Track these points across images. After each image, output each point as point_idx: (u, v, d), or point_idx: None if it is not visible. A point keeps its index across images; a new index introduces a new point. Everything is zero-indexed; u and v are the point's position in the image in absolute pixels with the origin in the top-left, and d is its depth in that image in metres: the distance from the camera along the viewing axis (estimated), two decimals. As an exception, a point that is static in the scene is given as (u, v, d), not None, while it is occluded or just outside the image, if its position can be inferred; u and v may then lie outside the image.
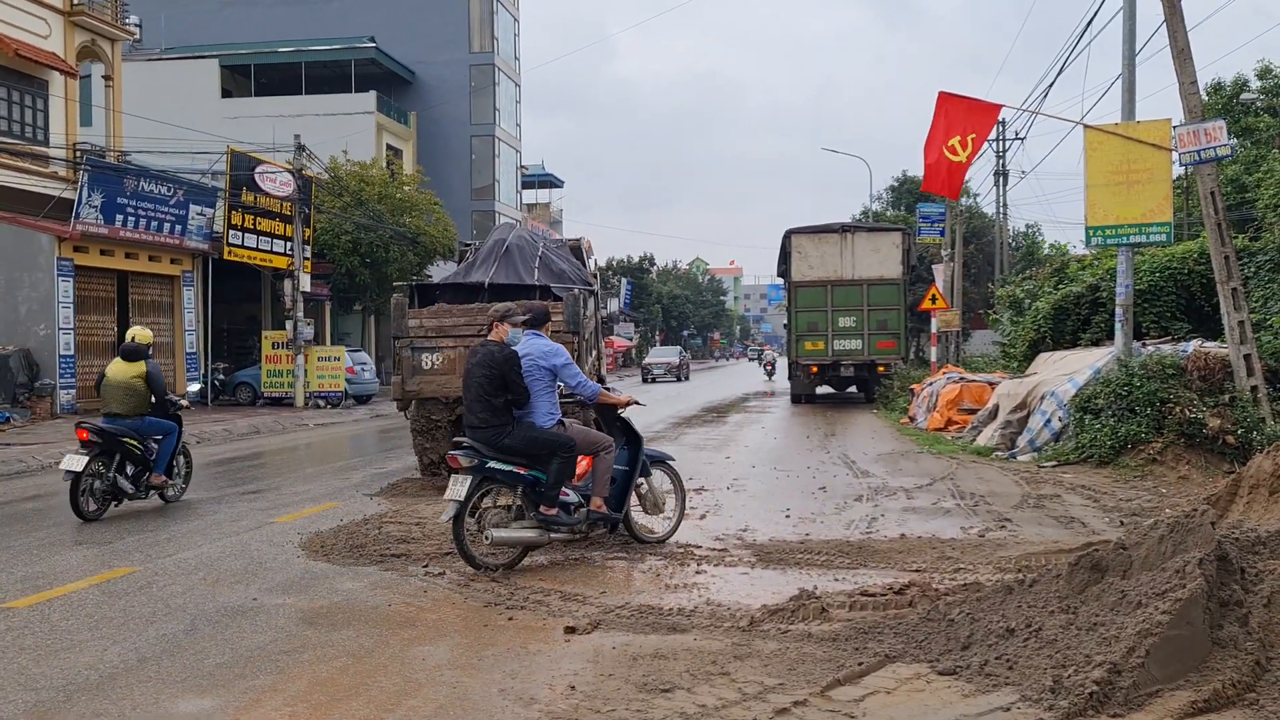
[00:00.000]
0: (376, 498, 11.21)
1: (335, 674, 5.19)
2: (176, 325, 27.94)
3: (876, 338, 26.09)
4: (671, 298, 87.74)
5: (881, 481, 12.08)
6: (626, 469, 8.11)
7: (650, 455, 8.46)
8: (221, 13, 51.71)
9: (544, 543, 7.61)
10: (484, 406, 7.43)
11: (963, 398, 18.43)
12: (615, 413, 8.25)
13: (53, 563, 8.02)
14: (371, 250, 32.59)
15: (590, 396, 8.04)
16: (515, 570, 7.35)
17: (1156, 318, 16.64)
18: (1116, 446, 12.42)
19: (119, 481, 10.21)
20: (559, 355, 7.84)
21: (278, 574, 7.50)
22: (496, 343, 7.66)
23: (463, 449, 7.38)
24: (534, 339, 7.93)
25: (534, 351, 7.76)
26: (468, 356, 7.87)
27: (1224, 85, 29.35)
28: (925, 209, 32.18)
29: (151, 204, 25.67)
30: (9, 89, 24.77)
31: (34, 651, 5.65)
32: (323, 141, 35.03)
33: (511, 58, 55.54)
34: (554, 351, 7.85)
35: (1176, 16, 12.47)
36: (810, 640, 5.50)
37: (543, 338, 8.02)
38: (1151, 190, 12.99)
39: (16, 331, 23.10)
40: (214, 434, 20.07)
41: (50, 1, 25.78)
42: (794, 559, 7.69)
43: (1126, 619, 4.66)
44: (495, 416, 7.42)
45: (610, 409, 8.23)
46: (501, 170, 53.80)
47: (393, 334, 12.25)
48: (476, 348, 7.80)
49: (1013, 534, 8.60)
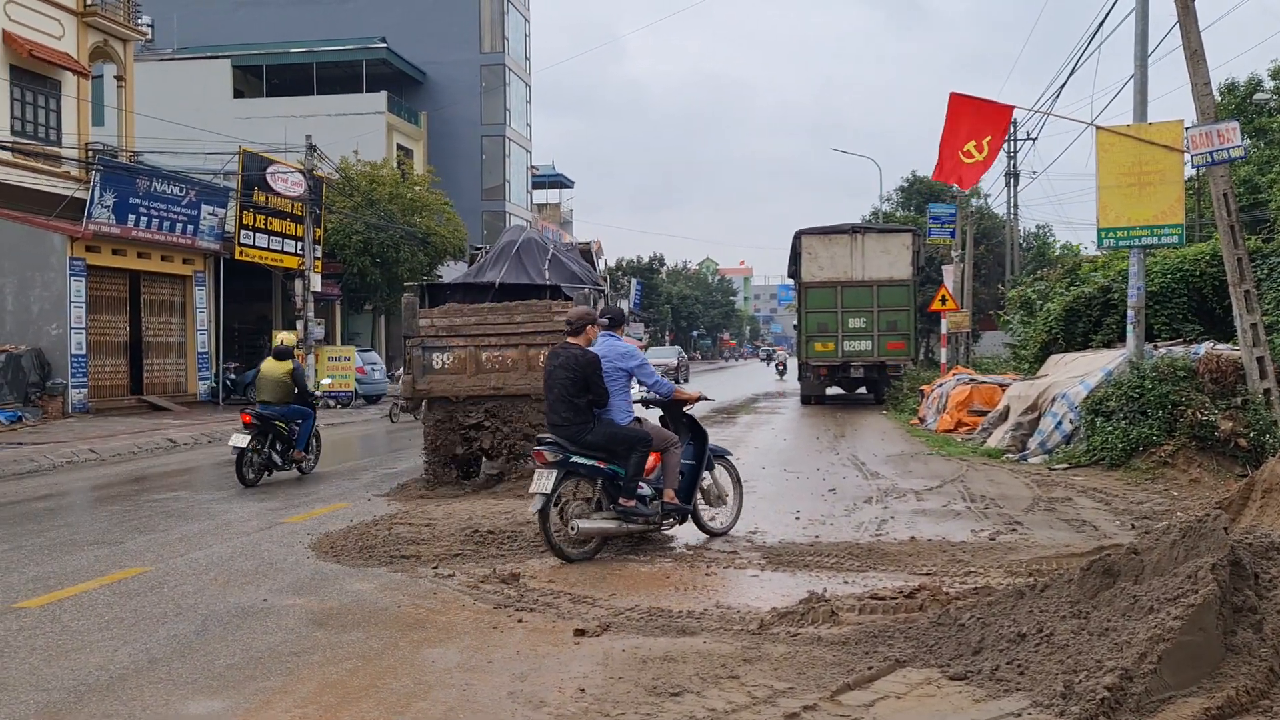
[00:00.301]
0: (386, 498, 11.23)
1: (345, 676, 5.20)
2: (188, 325, 28.06)
3: (886, 339, 26.03)
4: (681, 298, 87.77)
5: (891, 483, 12.05)
6: (693, 463, 8.49)
7: (712, 450, 8.78)
8: (234, 13, 51.90)
9: (622, 533, 7.99)
10: (567, 406, 7.82)
11: (973, 399, 18.38)
12: (681, 409, 8.58)
13: (64, 562, 8.06)
14: (382, 250, 32.65)
15: (666, 394, 8.41)
16: (524, 574, 7.36)
17: (1168, 320, 16.56)
18: (1128, 449, 12.36)
19: (271, 456, 12.58)
20: (634, 357, 8.33)
21: (288, 575, 7.52)
22: (578, 346, 8.05)
23: (547, 445, 7.74)
24: (610, 340, 8.36)
25: (610, 353, 8.17)
26: (548, 359, 8.29)
27: (1237, 85, 29.21)
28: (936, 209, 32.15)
29: (163, 204, 25.77)
30: (22, 89, 24.90)
31: (45, 652, 5.67)
32: (334, 142, 35.12)
33: (522, 58, 55.60)
34: (630, 353, 8.33)
35: (1190, 17, 12.41)
36: (820, 644, 5.48)
37: (618, 339, 8.45)
38: (1164, 192, 12.93)
39: (29, 331, 23.22)
40: (224, 433, 20.10)
41: (63, 2, 25.92)
42: (803, 561, 7.67)
43: (1138, 624, 4.63)
44: (578, 415, 7.81)
45: (678, 406, 8.54)
46: (512, 170, 53.88)
47: (403, 333, 12.27)
48: (558, 350, 8.16)
49: (1024, 537, 8.56)
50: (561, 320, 11.78)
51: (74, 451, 16.25)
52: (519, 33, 55.17)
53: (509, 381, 11.82)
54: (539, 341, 11.83)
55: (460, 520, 9.25)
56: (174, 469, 15.02)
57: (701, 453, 8.56)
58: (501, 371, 11.85)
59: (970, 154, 12.22)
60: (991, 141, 12.37)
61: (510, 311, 11.95)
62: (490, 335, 11.87)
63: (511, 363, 11.84)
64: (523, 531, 8.57)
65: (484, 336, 11.88)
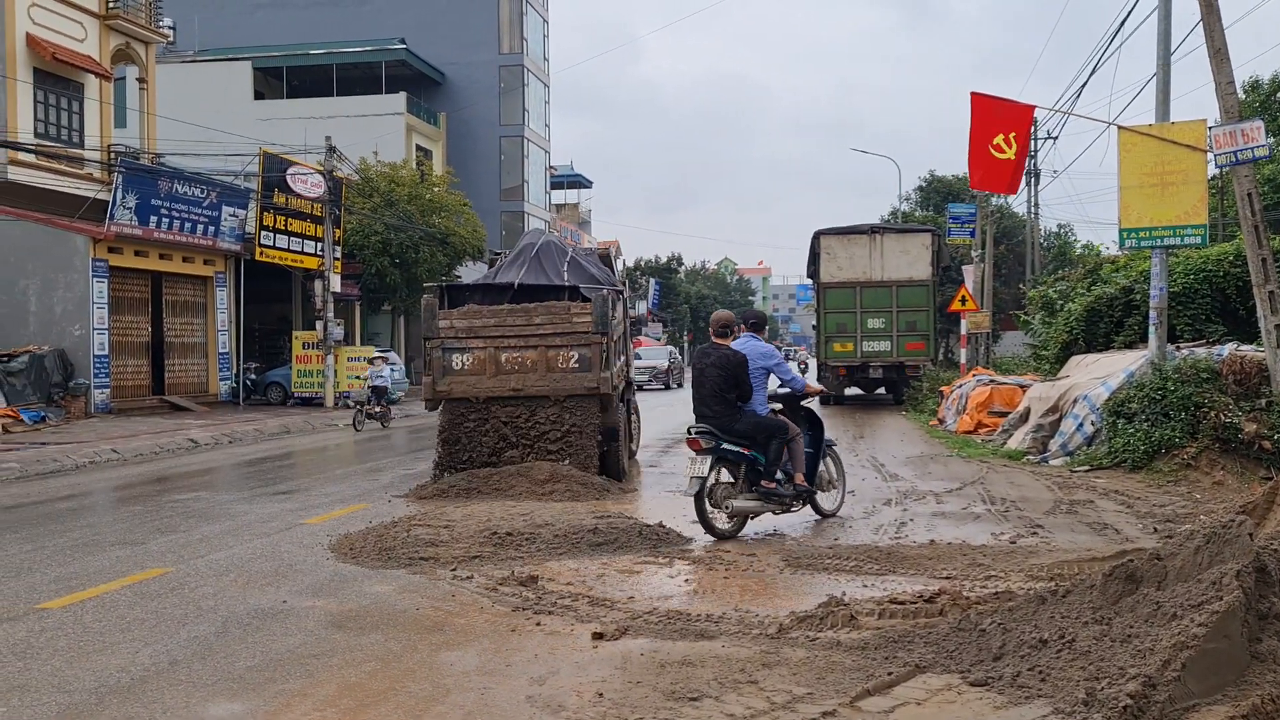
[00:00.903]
0: (405, 499, 11.25)
1: (364, 678, 5.21)
2: (209, 325, 28.23)
3: (905, 339, 25.93)
4: (699, 298, 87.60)
5: (910, 485, 12.00)
6: (812, 450, 9.41)
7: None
8: (254, 15, 52.18)
9: (763, 512, 8.90)
10: (718, 400, 8.83)
11: (993, 400, 18.28)
12: (801, 402, 9.54)
13: (86, 563, 8.11)
14: (401, 251, 32.77)
15: (800, 389, 9.46)
16: (542, 576, 7.36)
17: (1191, 320, 16.41)
18: (1150, 451, 12.27)
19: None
20: (773, 356, 9.28)
21: (307, 576, 7.54)
22: (727, 347, 8.98)
23: (701, 434, 8.70)
24: (752, 341, 9.30)
25: (753, 353, 9.07)
26: (698, 358, 9.33)
27: (1261, 83, 28.89)
28: (955, 209, 31.97)
29: (185, 205, 25.95)
30: (46, 92, 25.11)
31: (67, 653, 5.70)
32: (353, 143, 35.27)
33: (541, 59, 55.66)
34: (769, 353, 9.26)
35: (1214, 16, 12.29)
36: (839, 649, 5.45)
37: (759, 340, 9.39)
38: (1186, 192, 12.82)
39: (52, 331, 23.42)
40: (245, 434, 20.25)
41: (86, 5, 26.12)
42: (822, 564, 7.64)
43: (1161, 631, 4.59)
44: (727, 409, 8.81)
45: (797, 399, 9.52)
46: (530, 171, 53.94)
47: (423, 334, 12.30)
48: (709, 350, 9.11)
49: (1045, 541, 8.50)
50: (580, 321, 11.85)
51: (96, 451, 16.37)
52: (537, 33, 55.24)
53: (528, 382, 11.84)
54: (558, 343, 11.86)
55: (479, 522, 9.25)
56: (195, 469, 15.11)
57: (819, 441, 9.51)
58: (521, 373, 11.87)
59: (1000, 148, 12.10)
60: (1018, 136, 12.26)
61: (529, 313, 11.98)
62: (509, 337, 11.90)
63: (531, 364, 11.87)
64: (541, 534, 8.57)
65: (503, 338, 11.92)
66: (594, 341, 11.87)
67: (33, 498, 12.15)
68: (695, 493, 8.52)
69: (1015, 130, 12.30)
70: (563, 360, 11.89)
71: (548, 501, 10.49)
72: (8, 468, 14.55)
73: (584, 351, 11.87)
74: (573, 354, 11.89)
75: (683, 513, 10.07)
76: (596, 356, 11.85)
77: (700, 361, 9.12)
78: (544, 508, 10.10)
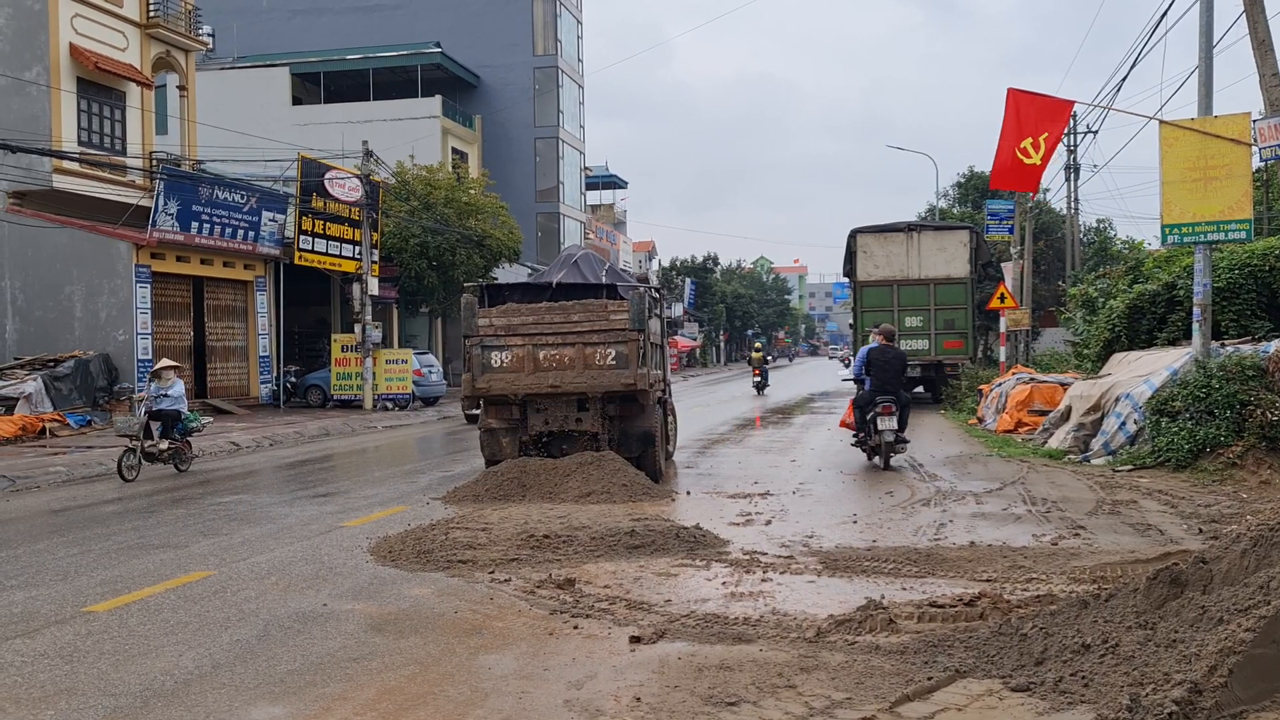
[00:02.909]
0: (443, 502, 11.31)
1: (403, 682, 5.24)
2: (250, 329, 28.54)
3: (944, 337, 25.72)
4: (735, 297, 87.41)
5: (950, 485, 11.89)
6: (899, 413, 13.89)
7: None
8: (291, 21, 52.71)
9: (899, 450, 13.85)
10: (897, 382, 13.77)
11: (1033, 399, 18.08)
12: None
13: (131, 566, 8.23)
14: (438, 253, 32.95)
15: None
16: (579, 579, 7.38)
17: (1236, 316, 16.10)
18: (1194, 450, 12.08)
19: None
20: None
21: (347, 579, 7.60)
22: (893, 348, 14.04)
23: (890, 400, 13.31)
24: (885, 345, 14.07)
25: None
26: (879, 353, 13.78)
27: (1307, 74, 28.37)
28: (993, 206, 31.53)
29: (225, 211, 26.26)
30: (89, 100, 25.51)
31: (113, 657, 5.79)
32: (390, 146, 35.54)
33: (575, 60, 55.78)
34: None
35: (1257, 7, 12.10)
36: (878, 653, 5.42)
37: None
38: (1230, 187, 12.61)
39: (96, 337, 23.79)
40: (285, 436, 20.46)
41: (127, 15, 26.50)
42: (861, 567, 7.59)
43: (1207, 636, 4.51)
44: (900, 386, 13.81)
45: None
46: (566, 172, 54.08)
47: (463, 332, 12.44)
48: (888, 348, 13.86)
49: (1087, 542, 8.39)
50: (617, 318, 11.91)
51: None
52: (571, 35, 55.36)
53: (566, 379, 11.94)
54: (595, 340, 11.93)
55: (516, 524, 9.29)
56: (236, 472, 15.29)
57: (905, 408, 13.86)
58: (558, 370, 11.98)
59: (1027, 152, 11.99)
60: (1049, 139, 12.11)
61: (567, 311, 12.09)
62: (548, 334, 12.02)
63: (569, 361, 11.97)
64: (578, 536, 8.58)
65: (541, 335, 12.03)
66: (631, 339, 11.92)
67: (79, 501, 12.35)
68: (888, 441, 13.34)
69: (1048, 131, 12.14)
70: (600, 357, 11.97)
71: (585, 504, 10.52)
72: (54, 471, 14.81)
73: (620, 349, 11.95)
74: (609, 351, 11.97)
75: (720, 514, 10.06)
76: (633, 353, 11.91)
77: (882, 356, 13.70)
78: (581, 510, 10.12)
